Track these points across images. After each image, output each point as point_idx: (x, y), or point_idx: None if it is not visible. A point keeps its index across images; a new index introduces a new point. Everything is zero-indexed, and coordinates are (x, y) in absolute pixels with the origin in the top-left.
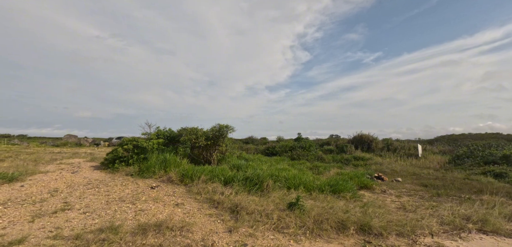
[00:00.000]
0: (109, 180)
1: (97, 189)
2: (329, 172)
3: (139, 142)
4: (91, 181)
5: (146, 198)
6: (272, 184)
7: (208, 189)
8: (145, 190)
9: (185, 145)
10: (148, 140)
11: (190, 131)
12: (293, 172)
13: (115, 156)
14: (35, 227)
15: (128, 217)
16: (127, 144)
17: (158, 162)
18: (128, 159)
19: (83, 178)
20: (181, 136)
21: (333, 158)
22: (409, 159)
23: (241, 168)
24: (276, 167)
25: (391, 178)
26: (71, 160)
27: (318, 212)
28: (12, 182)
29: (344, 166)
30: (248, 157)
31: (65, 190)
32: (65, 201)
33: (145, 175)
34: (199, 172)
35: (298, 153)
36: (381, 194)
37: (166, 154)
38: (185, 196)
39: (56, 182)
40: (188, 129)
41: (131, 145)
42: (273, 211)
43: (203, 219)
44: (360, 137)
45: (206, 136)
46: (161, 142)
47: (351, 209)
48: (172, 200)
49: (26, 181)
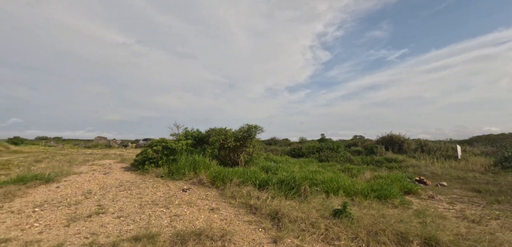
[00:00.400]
0: (140, 181)
1: (129, 191)
2: (363, 175)
3: (168, 143)
4: (123, 182)
5: (179, 201)
6: (309, 188)
7: (242, 193)
8: (177, 192)
9: (213, 146)
10: (177, 141)
11: (219, 132)
12: (329, 175)
13: (145, 157)
14: (70, 232)
15: (163, 223)
16: (156, 145)
17: (188, 163)
18: (157, 160)
19: (115, 179)
20: (208, 137)
21: (362, 159)
22: (447, 161)
23: (271, 169)
24: (307, 169)
25: (434, 182)
26: (102, 161)
27: (369, 221)
28: (48, 183)
29: (377, 168)
30: (275, 159)
31: (98, 192)
32: (99, 204)
33: (175, 176)
34: (230, 174)
35: (326, 154)
36: (428, 200)
37: (195, 155)
38: (219, 200)
39: (89, 183)
40: (217, 130)
41: (160, 146)
42: (318, 219)
43: (243, 227)
44: (390, 138)
45: (235, 136)
46: (190, 142)
47: (405, 218)
48: (206, 204)
49: (61, 182)
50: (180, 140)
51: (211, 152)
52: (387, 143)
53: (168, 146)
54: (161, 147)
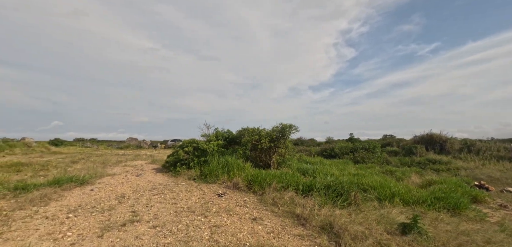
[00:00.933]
0: (172, 184)
1: (163, 195)
2: (409, 178)
3: (199, 144)
4: (155, 185)
5: (216, 209)
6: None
7: (284, 200)
8: (212, 198)
9: (245, 147)
10: (208, 142)
11: (252, 132)
12: (376, 179)
13: (176, 158)
14: (104, 244)
15: (203, 235)
16: (187, 146)
17: (220, 165)
18: (188, 161)
19: (147, 181)
20: (239, 137)
21: (400, 161)
22: (500, 162)
23: (307, 172)
24: (347, 172)
25: (497, 187)
26: (134, 162)
27: (448, 239)
28: (83, 185)
29: (422, 171)
30: (308, 160)
31: (132, 196)
32: (132, 210)
33: (208, 179)
34: (268, 178)
35: (362, 155)
36: (501, 209)
37: (227, 156)
38: (260, 208)
39: (123, 185)
40: (250, 130)
41: (191, 147)
42: (383, 235)
43: (294, 242)
44: (430, 137)
45: (270, 136)
46: (221, 143)
47: (494, 237)
48: (247, 212)
49: (95, 184)
50: (211, 141)
51: (243, 153)
52: (426, 142)
53: (199, 147)
54: (192, 148)
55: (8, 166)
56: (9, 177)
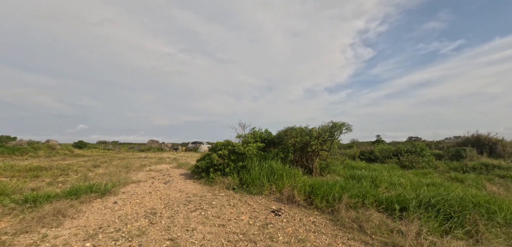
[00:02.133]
0: (209, 195)
1: (203, 211)
2: (489, 189)
3: (236, 147)
4: (190, 196)
5: (284, 237)
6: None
7: (373, 223)
8: (268, 216)
9: (287, 150)
10: (245, 144)
11: (301, 132)
12: (477, 194)
13: (209, 163)
14: None
15: None
16: (221, 148)
17: (264, 172)
18: (224, 167)
19: (179, 191)
20: (280, 138)
21: (448, 165)
22: None
23: (362, 179)
24: (418, 181)
25: None
26: (158, 166)
27: None
28: (104, 196)
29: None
30: (354, 164)
31: (165, 213)
32: (170, 236)
33: (252, 190)
34: (336, 190)
35: (410, 159)
36: None
37: (270, 161)
38: (342, 234)
39: (151, 197)
40: (298, 129)
41: (226, 151)
42: None
43: None
44: (476, 138)
45: (322, 138)
46: (262, 146)
47: None
48: (325, 242)
49: (119, 195)
50: (249, 143)
51: (284, 157)
52: (472, 144)
53: (235, 149)
54: (227, 152)
55: (27, 170)
56: (24, 184)
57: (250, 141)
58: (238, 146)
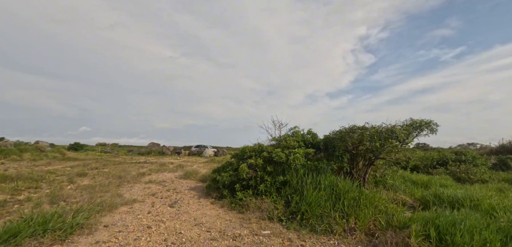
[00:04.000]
0: (246, 235)
1: None
2: None
3: (274, 154)
4: (214, 236)
5: None
6: None
7: None
8: None
9: (341, 158)
10: (286, 149)
11: (377, 133)
12: None
13: (233, 176)
14: None
15: None
16: (251, 155)
17: (323, 193)
18: (256, 182)
19: (194, 223)
20: (331, 142)
21: (498, 176)
22: None
23: (455, 204)
24: None
25: None
26: (160, 176)
27: None
28: (70, 237)
29: None
30: (413, 178)
31: None
32: None
33: (313, 224)
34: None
35: (466, 169)
36: None
37: (329, 176)
38: None
39: (150, 237)
40: (372, 129)
41: (260, 159)
42: None
43: None
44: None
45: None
46: (311, 152)
47: None
48: None
49: (97, 233)
50: (293, 148)
51: (338, 168)
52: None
53: (272, 158)
54: (261, 160)
55: None
56: None
57: (292, 145)
58: (277, 152)
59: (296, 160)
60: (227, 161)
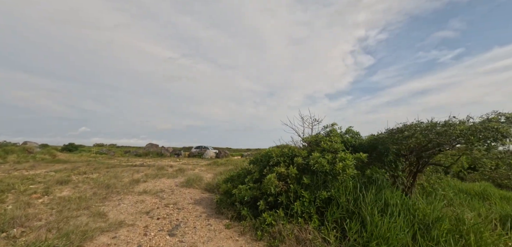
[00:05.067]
0: None
1: None
2: None
3: (312, 160)
4: None
5: None
6: None
7: None
8: None
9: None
10: (328, 154)
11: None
12: None
13: (255, 190)
14: None
15: None
16: (278, 161)
17: (399, 221)
18: (289, 198)
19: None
20: (384, 143)
21: None
22: None
23: None
24: None
25: None
26: (157, 183)
27: None
28: None
29: None
30: (465, 188)
31: None
32: None
33: None
34: None
35: (508, 174)
36: None
37: (397, 192)
38: None
39: None
40: (461, 126)
41: (293, 169)
42: None
43: None
44: None
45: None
46: (364, 157)
47: None
48: None
49: None
50: (336, 151)
51: (391, 176)
52: None
53: (310, 165)
54: (295, 170)
55: None
56: None
57: (335, 147)
58: (315, 158)
59: (346, 170)
60: (243, 168)
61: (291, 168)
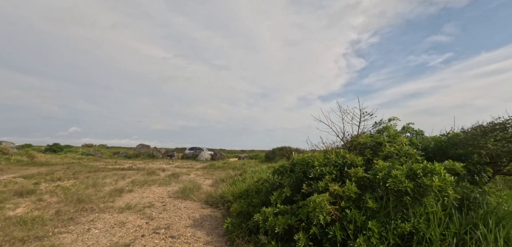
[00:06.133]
0: None
1: None
2: None
3: (379, 172)
4: None
5: None
6: None
7: None
8: None
9: (478, 170)
10: (399, 161)
11: None
12: None
13: (288, 216)
14: None
15: None
16: (323, 173)
17: None
18: (345, 230)
19: None
20: (465, 145)
21: None
22: None
23: None
24: None
25: None
26: (145, 193)
27: None
28: None
29: None
30: None
31: None
32: None
33: None
34: None
35: None
36: None
37: None
38: None
39: None
40: None
41: (352, 186)
42: None
43: None
44: None
45: None
46: (461, 169)
47: None
48: None
49: None
50: (407, 157)
51: None
52: None
53: (375, 179)
54: (354, 186)
55: None
56: None
57: (410, 153)
58: (383, 168)
59: (446, 189)
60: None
61: (348, 184)
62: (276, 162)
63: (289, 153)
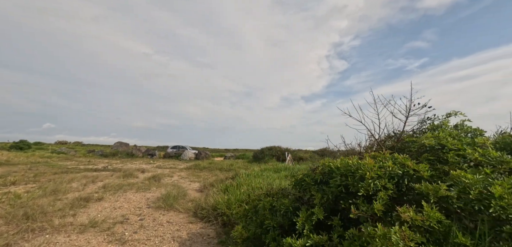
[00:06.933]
0: None
1: None
2: None
3: (474, 189)
4: None
5: None
6: None
7: None
8: None
9: None
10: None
11: None
12: None
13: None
14: None
15: None
16: (377, 187)
17: None
18: None
19: None
20: None
21: None
22: None
23: None
24: None
25: None
26: (118, 202)
27: None
28: None
29: None
30: None
31: None
32: None
33: None
34: None
35: None
36: None
37: None
38: None
39: None
40: None
41: (435, 213)
42: None
43: None
44: None
45: None
46: None
47: None
48: None
49: None
50: (498, 163)
51: None
52: None
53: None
54: (437, 212)
55: None
56: None
57: (502, 160)
58: (475, 182)
59: None
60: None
61: (428, 208)
62: (266, 162)
63: (280, 152)
